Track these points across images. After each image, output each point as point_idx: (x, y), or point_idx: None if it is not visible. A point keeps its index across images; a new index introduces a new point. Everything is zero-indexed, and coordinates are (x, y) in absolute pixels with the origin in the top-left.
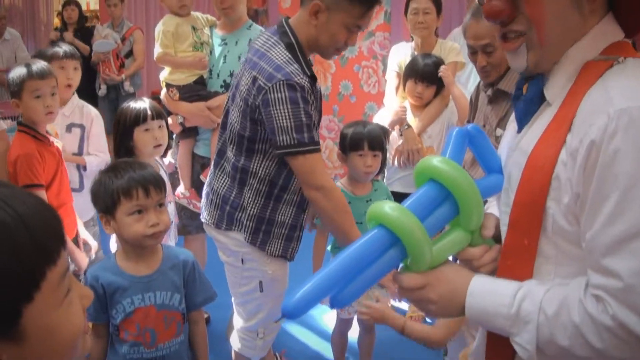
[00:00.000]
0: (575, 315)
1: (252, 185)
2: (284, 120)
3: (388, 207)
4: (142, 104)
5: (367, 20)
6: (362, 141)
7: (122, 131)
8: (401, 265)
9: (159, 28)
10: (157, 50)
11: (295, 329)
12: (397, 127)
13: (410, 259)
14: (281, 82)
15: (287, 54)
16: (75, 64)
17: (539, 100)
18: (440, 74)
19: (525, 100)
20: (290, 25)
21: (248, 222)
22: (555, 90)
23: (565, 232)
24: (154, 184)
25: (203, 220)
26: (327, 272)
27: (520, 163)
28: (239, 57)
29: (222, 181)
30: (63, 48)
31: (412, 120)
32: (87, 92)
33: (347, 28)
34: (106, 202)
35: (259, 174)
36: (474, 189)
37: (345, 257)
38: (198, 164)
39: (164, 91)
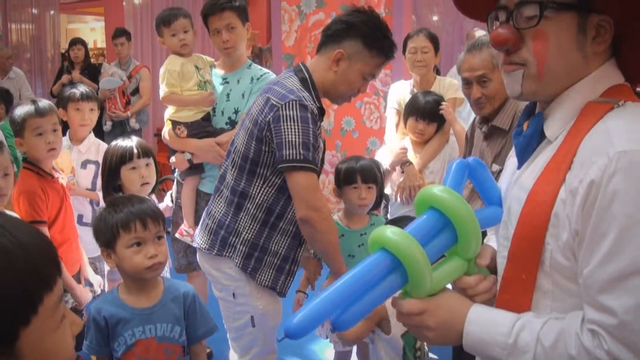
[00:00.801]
0: (572, 348)
1: (249, 210)
2: (293, 136)
3: (390, 231)
4: (129, 142)
5: (381, 69)
6: (355, 174)
7: (109, 169)
8: (400, 291)
9: (163, 68)
10: (163, 89)
11: None
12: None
13: (410, 284)
14: (294, 102)
15: (300, 84)
16: (91, 106)
17: (539, 137)
18: (441, 111)
19: (526, 136)
20: (307, 67)
21: (241, 247)
22: (555, 128)
23: (563, 267)
24: (152, 217)
25: (196, 245)
26: (330, 294)
27: (520, 198)
28: (243, 95)
29: (219, 206)
30: (80, 90)
31: (413, 157)
32: (94, 129)
33: (364, 77)
34: (106, 236)
35: (257, 199)
36: (473, 217)
37: (348, 279)
38: (203, 201)
39: (166, 129)
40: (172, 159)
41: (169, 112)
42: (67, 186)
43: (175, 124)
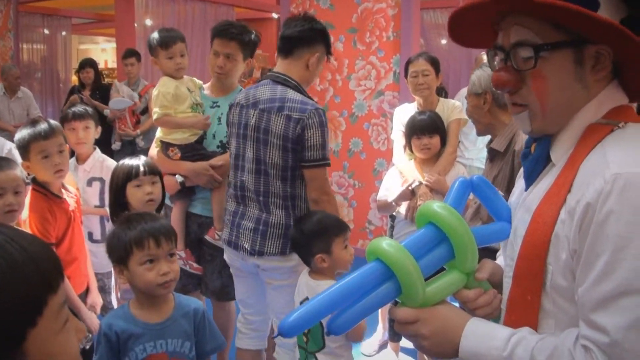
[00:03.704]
0: None
1: (300, 206)
2: (316, 140)
3: (385, 243)
4: (136, 161)
5: None
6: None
7: (116, 187)
8: (398, 300)
9: (156, 91)
10: (157, 112)
11: None
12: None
13: (403, 294)
14: (314, 111)
15: (297, 93)
16: (85, 124)
17: (545, 160)
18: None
19: (532, 159)
20: (287, 74)
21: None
22: (560, 152)
23: (562, 289)
24: (165, 235)
25: (264, 255)
26: (324, 297)
27: (525, 220)
28: None
29: (276, 215)
30: (72, 110)
31: (421, 178)
32: (103, 147)
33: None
34: (120, 252)
35: (303, 195)
36: (468, 232)
37: (343, 284)
38: (194, 223)
39: (154, 150)
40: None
41: (159, 133)
42: (81, 207)
43: (168, 145)
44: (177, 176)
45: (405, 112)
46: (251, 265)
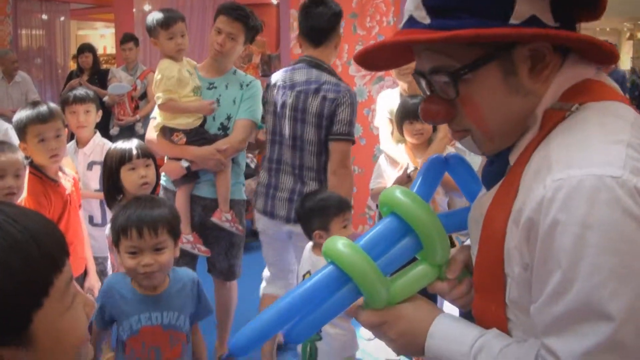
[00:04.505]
0: None
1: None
2: (345, 116)
3: (341, 243)
4: (129, 144)
5: None
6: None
7: (109, 171)
8: (362, 299)
9: (159, 74)
10: (161, 96)
11: None
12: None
13: (364, 297)
14: (347, 92)
15: (332, 75)
16: (86, 107)
17: (504, 165)
18: None
19: (490, 161)
20: (318, 58)
21: None
22: (517, 150)
23: (521, 303)
24: (151, 226)
25: (286, 218)
26: (277, 310)
27: (479, 222)
28: (234, 101)
29: (310, 186)
30: (74, 93)
31: (412, 163)
32: (101, 132)
33: None
34: (113, 235)
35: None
36: (436, 223)
37: (297, 294)
38: (199, 206)
39: (152, 134)
40: (165, 166)
41: (159, 118)
42: (79, 190)
43: (172, 131)
44: (182, 161)
45: (389, 98)
46: (284, 232)
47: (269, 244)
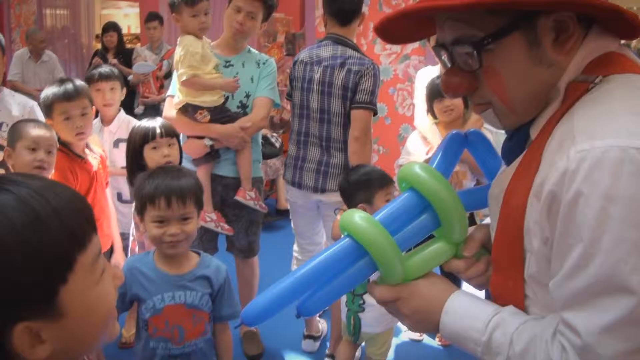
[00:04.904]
0: (540, 358)
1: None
2: (368, 86)
3: (358, 216)
4: (152, 122)
5: None
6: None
7: (133, 149)
8: (377, 274)
9: (182, 50)
10: (185, 72)
11: None
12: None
13: (380, 271)
14: (371, 65)
15: (356, 51)
16: (111, 85)
17: (525, 139)
18: None
19: (510, 135)
20: (343, 35)
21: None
22: (539, 124)
23: (539, 279)
24: (179, 196)
25: (314, 187)
26: (292, 281)
27: (499, 198)
28: (252, 79)
29: (336, 158)
30: (99, 70)
31: None
32: (126, 111)
33: None
34: (139, 204)
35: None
36: (455, 200)
37: (312, 266)
38: (219, 185)
39: (171, 112)
40: (190, 144)
41: (181, 96)
42: (105, 165)
43: (195, 108)
44: (205, 139)
45: (428, 76)
46: (313, 202)
47: (300, 214)
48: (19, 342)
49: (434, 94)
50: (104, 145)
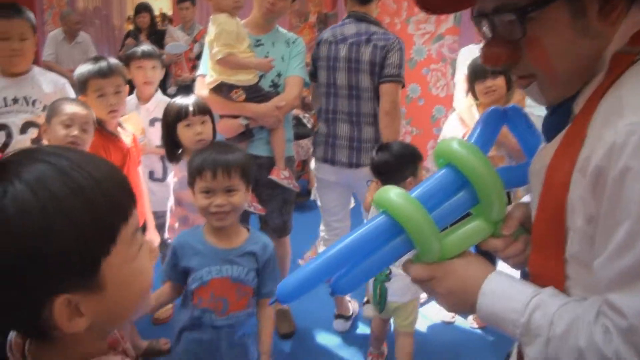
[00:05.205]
0: (582, 339)
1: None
2: (395, 60)
3: (393, 193)
4: (186, 100)
5: None
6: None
7: (167, 127)
8: (414, 252)
9: (217, 28)
10: (220, 50)
11: None
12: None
13: (417, 249)
14: (395, 40)
15: (379, 27)
16: (153, 63)
17: (567, 113)
18: None
19: (551, 111)
20: (365, 12)
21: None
22: (582, 98)
23: (582, 258)
24: (224, 169)
25: (348, 163)
26: (327, 258)
27: (541, 174)
28: (282, 58)
29: (367, 133)
30: (141, 48)
31: None
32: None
33: None
34: (190, 177)
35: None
36: (494, 177)
37: (347, 243)
38: (253, 165)
39: (203, 91)
40: (220, 124)
41: (215, 75)
42: (139, 147)
43: (230, 87)
44: (240, 118)
45: (471, 54)
46: (345, 177)
47: (331, 190)
48: (59, 314)
49: (477, 73)
50: (141, 123)
